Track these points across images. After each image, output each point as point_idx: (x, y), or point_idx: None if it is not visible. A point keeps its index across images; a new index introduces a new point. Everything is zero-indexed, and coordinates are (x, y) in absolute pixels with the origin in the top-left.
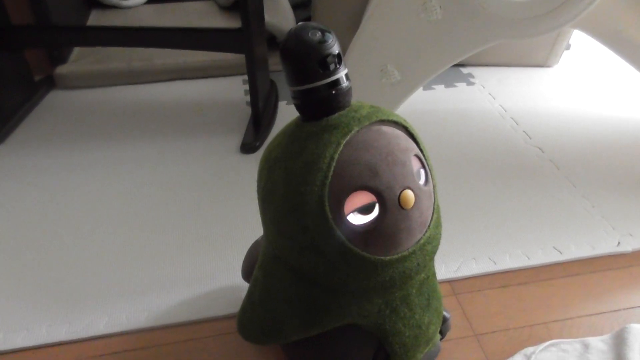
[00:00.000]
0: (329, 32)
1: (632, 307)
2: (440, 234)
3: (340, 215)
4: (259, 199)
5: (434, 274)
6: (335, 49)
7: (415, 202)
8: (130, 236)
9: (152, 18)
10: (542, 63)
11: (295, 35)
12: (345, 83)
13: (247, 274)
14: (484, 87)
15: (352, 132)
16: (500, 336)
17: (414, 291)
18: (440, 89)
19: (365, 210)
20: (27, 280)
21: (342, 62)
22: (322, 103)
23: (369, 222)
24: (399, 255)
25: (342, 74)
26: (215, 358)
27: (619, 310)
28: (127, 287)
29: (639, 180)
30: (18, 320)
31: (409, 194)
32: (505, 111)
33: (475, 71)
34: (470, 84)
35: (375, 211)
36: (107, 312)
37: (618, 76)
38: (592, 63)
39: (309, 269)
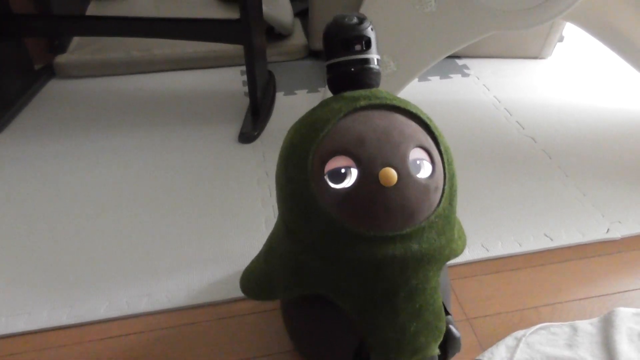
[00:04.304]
0: (365, 20)
1: (620, 292)
2: (443, 247)
3: (320, 174)
4: None
5: (433, 288)
6: (363, 33)
7: (398, 185)
8: (130, 223)
9: (151, 8)
10: (536, 55)
11: (333, 18)
12: (369, 65)
13: None
14: (478, 79)
15: (358, 105)
16: (492, 320)
17: (402, 294)
18: (435, 80)
19: (344, 176)
20: (28, 265)
21: (372, 47)
22: (342, 78)
23: (344, 187)
24: (370, 233)
25: (366, 55)
26: (214, 342)
27: (607, 294)
28: (127, 272)
29: (628, 170)
30: (19, 305)
31: (390, 172)
32: (499, 102)
33: (470, 63)
34: (465, 75)
35: (354, 178)
36: (108, 296)
37: (610, 68)
38: (585, 55)
39: (290, 222)
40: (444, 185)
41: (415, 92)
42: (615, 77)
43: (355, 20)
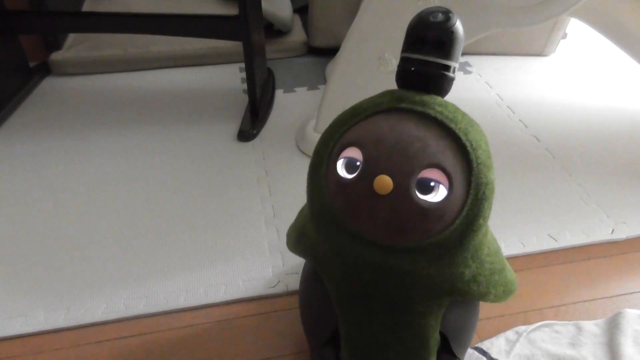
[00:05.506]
0: (449, 21)
1: (626, 294)
2: (434, 278)
3: (335, 157)
4: None
5: (420, 313)
6: (434, 34)
7: (390, 196)
8: (127, 222)
9: (149, 4)
10: (539, 52)
11: (422, 10)
12: (431, 69)
13: None
14: (480, 76)
15: (398, 106)
16: (496, 322)
17: (379, 301)
18: None
19: (357, 169)
20: (25, 266)
21: (443, 51)
22: (401, 74)
23: (345, 177)
24: (354, 230)
25: (429, 58)
26: (212, 344)
27: (612, 296)
28: (125, 274)
29: (633, 170)
30: (16, 307)
31: (385, 180)
32: (502, 100)
33: (472, 60)
34: (467, 72)
35: (356, 173)
36: (105, 298)
37: (614, 65)
38: (589, 52)
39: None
40: (457, 218)
41: None
42: (620, 74)
43: (439, 18)
